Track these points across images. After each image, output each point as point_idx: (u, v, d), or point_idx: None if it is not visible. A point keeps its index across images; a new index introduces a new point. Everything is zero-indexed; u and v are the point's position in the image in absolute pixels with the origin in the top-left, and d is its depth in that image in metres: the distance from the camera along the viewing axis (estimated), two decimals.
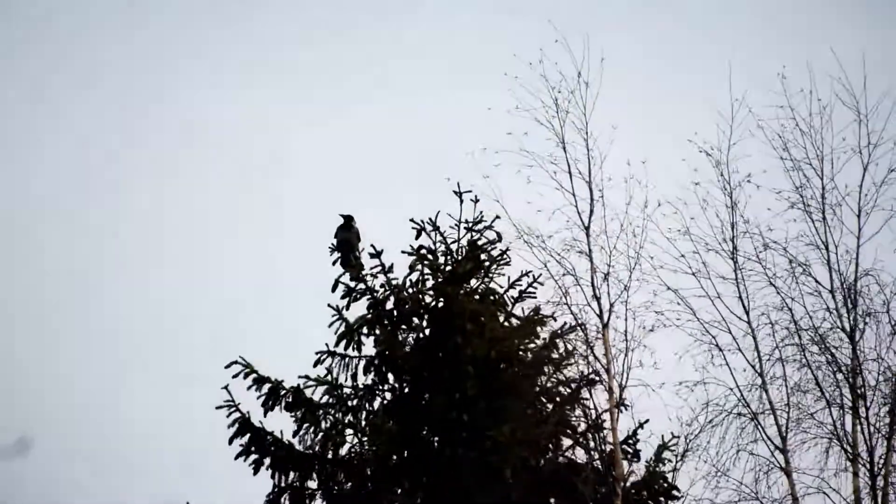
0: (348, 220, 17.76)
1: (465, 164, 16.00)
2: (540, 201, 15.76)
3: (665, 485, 15.75)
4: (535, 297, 16.87)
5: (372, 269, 16.88)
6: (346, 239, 17.57)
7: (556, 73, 16.04)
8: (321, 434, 16.04)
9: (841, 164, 15.91)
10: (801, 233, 15.76)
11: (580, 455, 15.62)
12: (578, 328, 15.83)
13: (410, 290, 16.73)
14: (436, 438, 15.82)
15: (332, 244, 17.50)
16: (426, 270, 16.81)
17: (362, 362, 16.62)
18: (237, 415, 16.31)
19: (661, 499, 15.69)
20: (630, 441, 15.85)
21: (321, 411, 16.24)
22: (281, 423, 16.32)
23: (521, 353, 16.25)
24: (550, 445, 15.75)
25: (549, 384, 16.21)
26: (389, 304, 16.70)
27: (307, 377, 16.51)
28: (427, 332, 16.53)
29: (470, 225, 17.05)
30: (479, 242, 16.99)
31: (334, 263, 17.48)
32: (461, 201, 17.00)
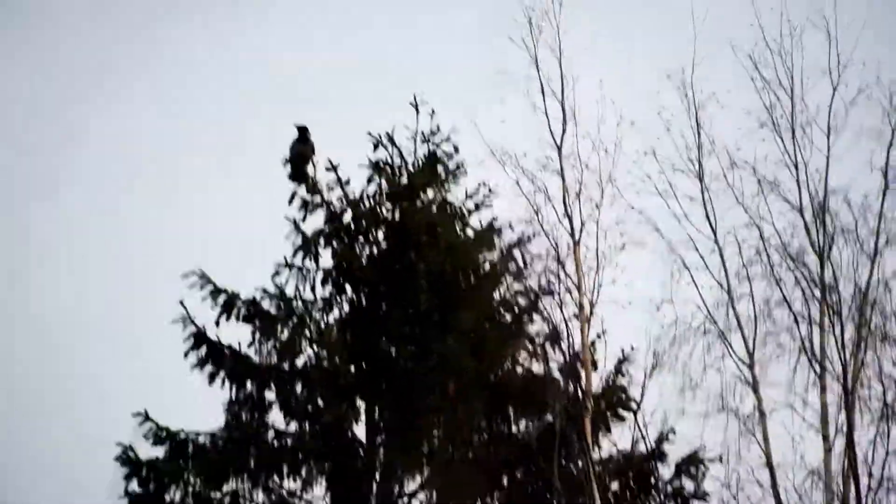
0: (303, 132, 17.55)
1: (439, 84, 15.91)
2: (514, 121, 15.73)
3: (623, 396, 15.77)
4: (492, 207, 16.86)
5: (328, 182, 16.79)
6: (301, 152, 17.40)
7: None
8: (278, 345, 15.95)
9: (811, 84, 15.92)
10: (771, 152, 15.77)
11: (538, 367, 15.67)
12: (537, 238, 15.85)
13: (367, 204, 16.65)
14: (393, 351, 15.80)
15: (287, 157, 17.36)
16: (383, 183, 16.73)
17: (320, 274, 16.55)
18: (192, 328, 16.20)
19: (620, 410, 15.70)
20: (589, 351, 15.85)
21: (278, 323, 16.16)
22: (238, 335, 16.27)
23: (476, 264, 16.20)
24: (509, 357, 15.74)
25: (507, 295, 16.21)
26: (346, 218, 16.61)
27: (264, 290, 16.42)
28: (384, 244, 16.47)
29: (427, 137, 16.97)
30: (437, 154, 16.94)
31: (290, 177, 17.35)
32: (417, 112, 16.92)
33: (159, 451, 15.57)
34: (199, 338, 16.18)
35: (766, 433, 15.29)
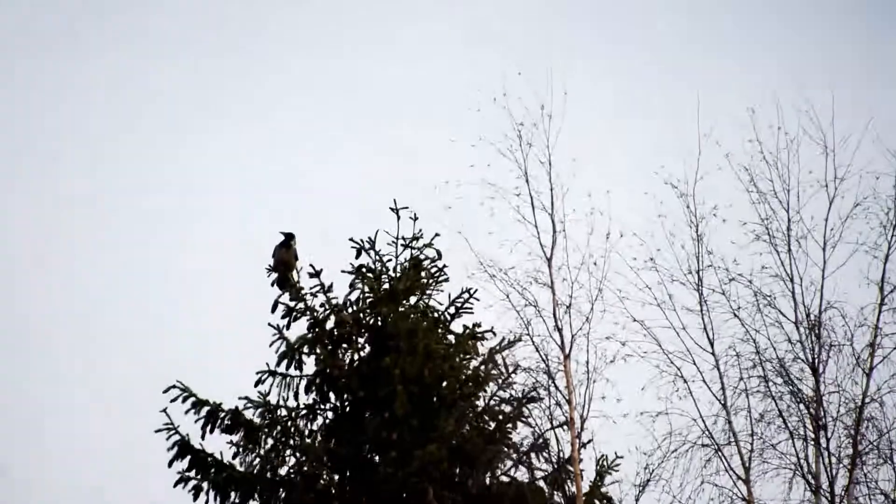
0: (288, 238, 17.66)
1: (427, 195, 15.97)
2: (503, 233, 15.76)
3: (606, 502, 15.71)
4: (473, 313, 16.89)
5: (311, 288, 16.85)
6: (284, 258, 17.49)
7: (520, 106, 16.04)
8: (261, 455, 15.93)
9: (807, 197, 16.00)
10: (767, 265, 15.79)
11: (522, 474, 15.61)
12: (525, 349, 15.83)
13: (350, 310, 16.69)
14: (376, 458, 15.78)
15: (270, 264, 17.43)
16: (366, 289, 16.79)
17: (304, 381, 16.56)
18: (177, 437, 16.18)
19: None
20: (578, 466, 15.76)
21: (260, 433, 16.14)
22: (220, 445, 16.25)
23: (457, 370, 16.19)
24: (492, 464, 15.68)
25: (491, 402, 16.20)
26: (329, 324, 16.64)
27: (247, 398, 16.41)
28: (366, 350, 16.50)
29: (408, 242, 17.04)
30: (420, 258, 17.01)
31: (272, 284, 17.42)
32: (398, 218, 17.00)
33: None
34: (184, 447, 16.16)
35: None
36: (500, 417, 16.00)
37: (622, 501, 15.66)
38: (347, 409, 16.41)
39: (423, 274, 17.03)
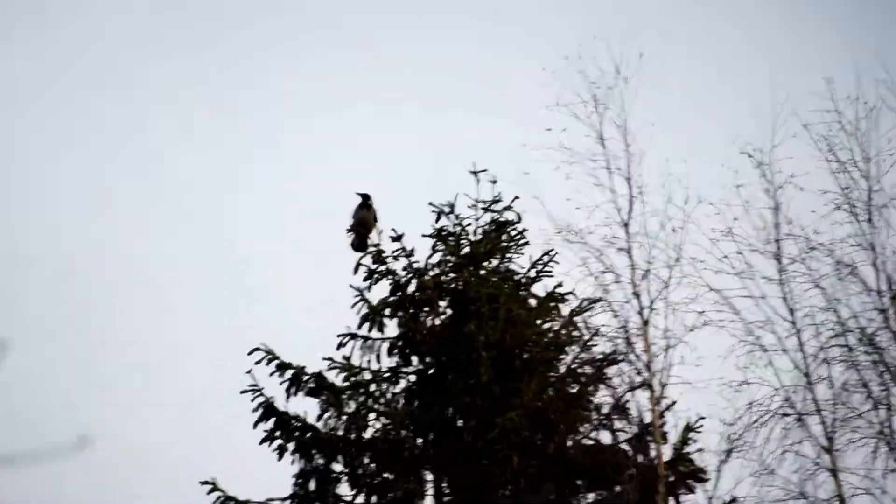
0: (365, 199, 17.73)
1: (505, 160, 15.92)
2: (579, 198, 15.70)
3: (691, 467, 15.75)
4: (553, 276, 16.93)
5: (393, 251, 16.97)
6: (364, 219, 17.59)
7: (595, 68, 15.98)
8: (345, 418, 16.09)
9: (888, 165, 15.84)
10: (848, 234, 15.67)
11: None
12: (604, 316, 15.84)
13: (431, 273, 16.80)
14: (459, 422, 15.90)
15: (349, 225, 17.57)
16: (446, 253, 16.89)
17: (386, 344, 16.70)
18: (261, 398, 16.39)
19: (689, 481, 15.67)
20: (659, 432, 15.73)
21: (344, 395, 16.31)
22: (305, 406, 16.44)
23: (538, 334, 16.27)
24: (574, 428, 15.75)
25: (573, 365, 16.27)
26: (411, 288, 16.76)
27: (331, 359, 16.57)
28: (447, 315, 16.60)
29: (487, 205, 17.12)
30: (500, 221, 17.09)
31: (351, 245, 17.56)
32: (478, 181, 17.08)
33: None
34: (269, 409, 16.36)
35: None
36: (582, 380, 16.07)
37: (706, 470, 15.59)
38: (429, 373, 16.54)
39: (503, 237, 17.12)
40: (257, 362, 16.51)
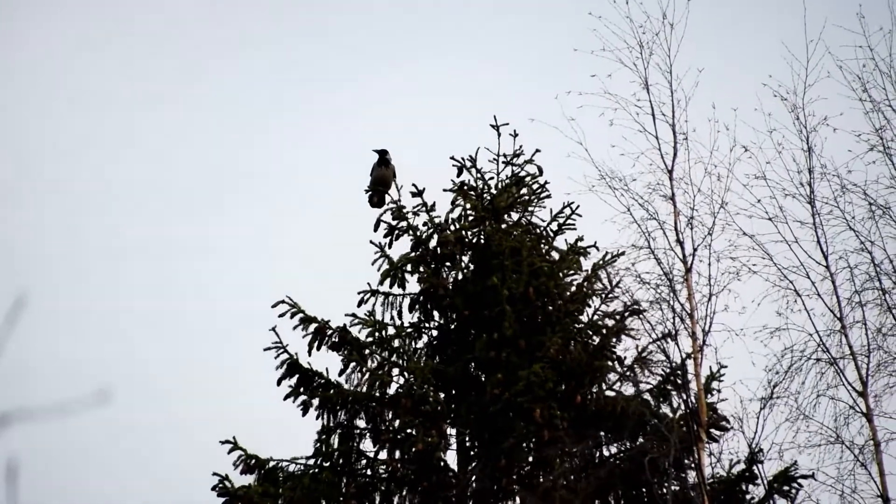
0: (383, 154, 17.64)
1: (548, 107, 15.79)
2: (623, 145, 15.56)
3: (714, 416, 15.69)
4: (576, 229, 16.87)
5: (414, 207, 16.93)
6: (383, 176, 17.53)
7: (641, 13, 15.79)
8: (368, 374, 16.08)
9: None
10: (881, 175, 15.49)
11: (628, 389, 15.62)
12: (621, 256, 15.76)
13: (452, 228, 16.75)
14: (483, 377, 15.88)
15: (368, 183, 17.52)
16: (468, 207, 16.83)
17: (407, 300, 16.68)
18: (285, 356, 16.37)
19: (712, 430, 15.61)
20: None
21: (367, 350, 16.29)
22: (326, 363, 16.44)
23: (561, 287, 16.21)
24: (598, 380, 15.71)
25: (595, 317, 16.22)
26: (433, 243, 16.72)
27: (354, 315, 16.56)
28: (470, 268, 16.56)
29: (509, 159, 17.06)
30: (520, 175, 17.03)
31: (370, 202, 17.51)
32: (499, 135, 17.02)
33: (249, 481, 15.76)
34: (293, 366, 16.35)
35: (881, 465, 14.98)
36: (605, 332, 16.02)
37: (744, 418, 15.48)
38: (452, 327, 16.52)
39: (524, 190, 17.06)
40: (281, 315, 16.49)
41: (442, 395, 15.89)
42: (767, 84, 15.55)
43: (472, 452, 15.69)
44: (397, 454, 15.45)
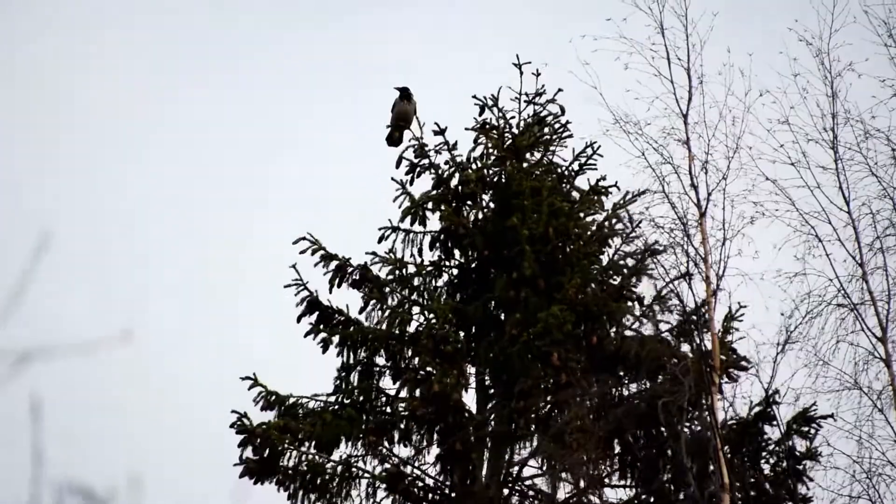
0: (405, 91, 17.56)
1: (563, 50, 15.67)
2: (638, 89, 15.44)
3: (733, 356, 15.69)
4: (597, 169, 16.81)
5: (436, 145, 16.90)
6: (404, 112, 17.46)
7: None
8: (388, 311, 16.11)
9: None
10: None
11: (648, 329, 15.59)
12: (642, 195, 15.69)
13: (474, 167, 16.72)
14: (502, 316, 15.90)
15: (389, 120, 17.48)
16: (489, 146, 16.80)
17: (427, 238, 16.68)
18: (305, 293, 16.39)
19: (731, 370, 15.62)
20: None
21: (388, 288, 16.32)
22: (347, 301, 16.46)
23: (581, 227, 16.17)
24: (617, 320, 15.69)
25: (615, 257, 16.21)
26: (454, 181, 16.70)
27: (374, 253, 16.59)
28: (491, 207, 16.54)
29: (531, 98, 17.00)
30: (542, 114, 16.98)
31: (388, 139, 17.45)
32: (521, 73, 16.94)
33: (269, 418, 15.83)
34: (313, 303, 16.38)
35: None
36: (624, 272, 16.01)
37: (760, 363, 15.46)
38: (472, 266, 16.53)
39: (546, 130, 17.01)
40: (302, 252, 16.51)
41: (461, 335, 15.91)
42: (793, 28, 15.44)
43: (490, 391, 15.75)
44: (417, 392, 15.48)
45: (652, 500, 15.27)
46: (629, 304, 15.85)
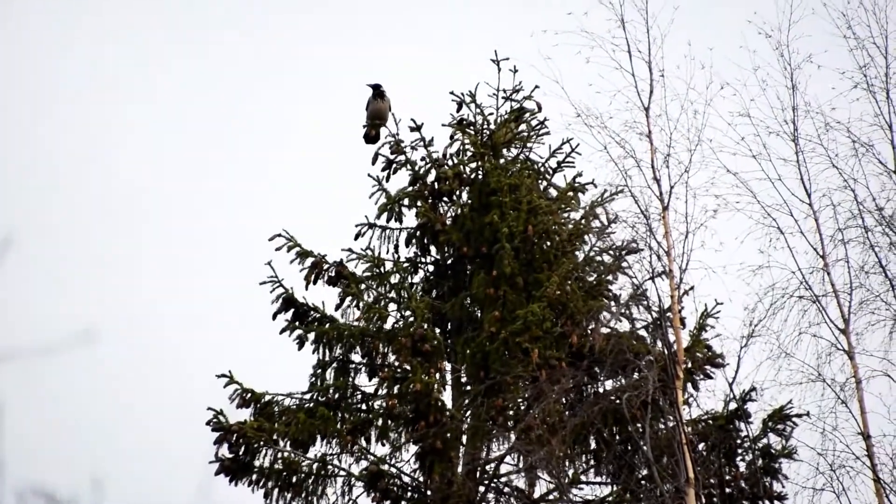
0: (377, 89, 17.44)
1: (523, 45, 15.66)
2: (600, 83, 15.42)
3: (708, 353, 15.70)
4: (574, 166, 16.78)
5: (412, 141, 16.84)
6: (379, 110, 17.38)
7: None
8: (365, 308, 16.05)
9: None
10: (865, 113, 15.38)
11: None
12: (623, 201, 15.68)
13: (451, 163, 16.67)
14: (479, 314, 15.86)
15: (365, 119, 17.41)
16: (466, 142, 16.75)
17: (404, 234, 16.64)
18: (280, 290, 16.34)
19: (707, 367, 15.63)
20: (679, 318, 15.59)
21: (364, 285, 16.27)
22: (323, 298, 16.42)
23: (559, 225, 16.13)
24: (593, 317, 15.67)
25: (591, 254, 16.18)
26: (430, 178, 16.64)
27: (350, 250, 16.54)
28: (468, 204, 16.48)
29: (508, 94, 16.95)
30: (520, 110, 16.92)
31: (365, 137, 17.38)
32: (499, 69, 16.89)
33: (244, 415, 15.77)
34: (288, 300, 16.33)
35: (861, 403, 14.96)
36: (601, 269, 15.97)
37: (724, 355, 15.54)
38: (448, 262, 16.49)
39: (523, 126, 16.97)
40: (277, 249, 16.46)
41: (437, 331, 15.86)
42: (752, 21, 15.47)
43: (467, 388, 15.70)
44: (395, 390, 15.42)
45: (627, 495, 15.24)
46: (606, 300, 15.81)
